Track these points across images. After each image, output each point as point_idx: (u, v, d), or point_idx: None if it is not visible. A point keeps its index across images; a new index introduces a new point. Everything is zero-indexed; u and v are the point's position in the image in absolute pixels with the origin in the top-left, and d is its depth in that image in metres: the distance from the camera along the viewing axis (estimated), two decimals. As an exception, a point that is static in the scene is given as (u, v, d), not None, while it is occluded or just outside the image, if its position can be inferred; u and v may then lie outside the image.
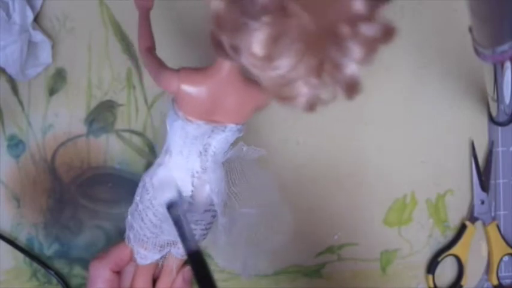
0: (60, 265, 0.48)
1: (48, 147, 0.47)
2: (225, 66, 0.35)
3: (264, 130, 0.48)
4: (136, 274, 0.42)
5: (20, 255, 0.47)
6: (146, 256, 0.41)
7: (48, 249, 0.47)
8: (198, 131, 0.37)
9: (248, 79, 0.35)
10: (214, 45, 0.31)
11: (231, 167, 0.40)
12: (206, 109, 0.36)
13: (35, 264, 0.47)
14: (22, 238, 0.47)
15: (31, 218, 0.47)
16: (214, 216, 0.41)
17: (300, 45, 0.27)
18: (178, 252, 0.42)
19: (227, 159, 0.39)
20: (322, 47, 0.27)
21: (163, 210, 0.38)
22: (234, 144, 0.39)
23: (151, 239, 0.40)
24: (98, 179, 0.47)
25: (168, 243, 0.41)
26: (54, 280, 0.47)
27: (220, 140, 0.38)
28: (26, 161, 0.47)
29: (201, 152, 0.38)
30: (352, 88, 0.29)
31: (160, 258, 0.42)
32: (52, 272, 0.47)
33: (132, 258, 0.42)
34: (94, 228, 0.48)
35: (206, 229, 0.41)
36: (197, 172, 0.39)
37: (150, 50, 0.38)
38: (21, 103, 0.47)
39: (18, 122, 0.47)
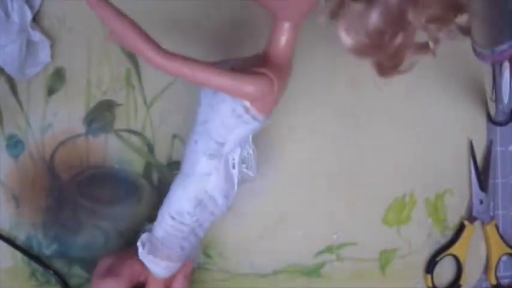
0: (59, 265, 0.48)
1: (47, 146, 0.47)
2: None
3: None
4: (149, 283, 0.42)
5: (19, 255, 0.47)
6: (169, 267, 0.41)
7: (47, 249, 0.47)
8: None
9: None
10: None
11: None
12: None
13: (33, 264, 0.47)
14: (21, 237, 0.47)
15: (30, 218, 0.47)
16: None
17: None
18: None
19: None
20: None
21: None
22: None
23: (187, 249, 0.41)
24: (97, 178, 0.47)
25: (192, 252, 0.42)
26: (53, 280, 0.47)
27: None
28: (25, 161, 0.47)
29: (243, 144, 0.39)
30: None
31: None
32: (51, 272, 0.47)
33: (143, 272, 0.42)
34: (93, 228, 0.48)
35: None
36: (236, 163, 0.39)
37: (196, 61, 0.33)
38: (20, 103, 0.47)
39: (17, 122, 0.47)
